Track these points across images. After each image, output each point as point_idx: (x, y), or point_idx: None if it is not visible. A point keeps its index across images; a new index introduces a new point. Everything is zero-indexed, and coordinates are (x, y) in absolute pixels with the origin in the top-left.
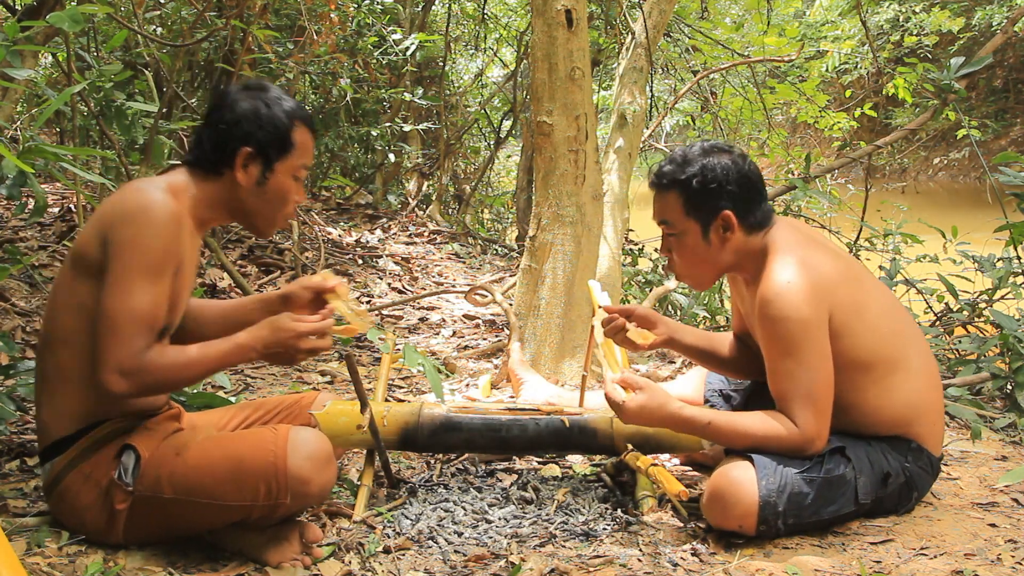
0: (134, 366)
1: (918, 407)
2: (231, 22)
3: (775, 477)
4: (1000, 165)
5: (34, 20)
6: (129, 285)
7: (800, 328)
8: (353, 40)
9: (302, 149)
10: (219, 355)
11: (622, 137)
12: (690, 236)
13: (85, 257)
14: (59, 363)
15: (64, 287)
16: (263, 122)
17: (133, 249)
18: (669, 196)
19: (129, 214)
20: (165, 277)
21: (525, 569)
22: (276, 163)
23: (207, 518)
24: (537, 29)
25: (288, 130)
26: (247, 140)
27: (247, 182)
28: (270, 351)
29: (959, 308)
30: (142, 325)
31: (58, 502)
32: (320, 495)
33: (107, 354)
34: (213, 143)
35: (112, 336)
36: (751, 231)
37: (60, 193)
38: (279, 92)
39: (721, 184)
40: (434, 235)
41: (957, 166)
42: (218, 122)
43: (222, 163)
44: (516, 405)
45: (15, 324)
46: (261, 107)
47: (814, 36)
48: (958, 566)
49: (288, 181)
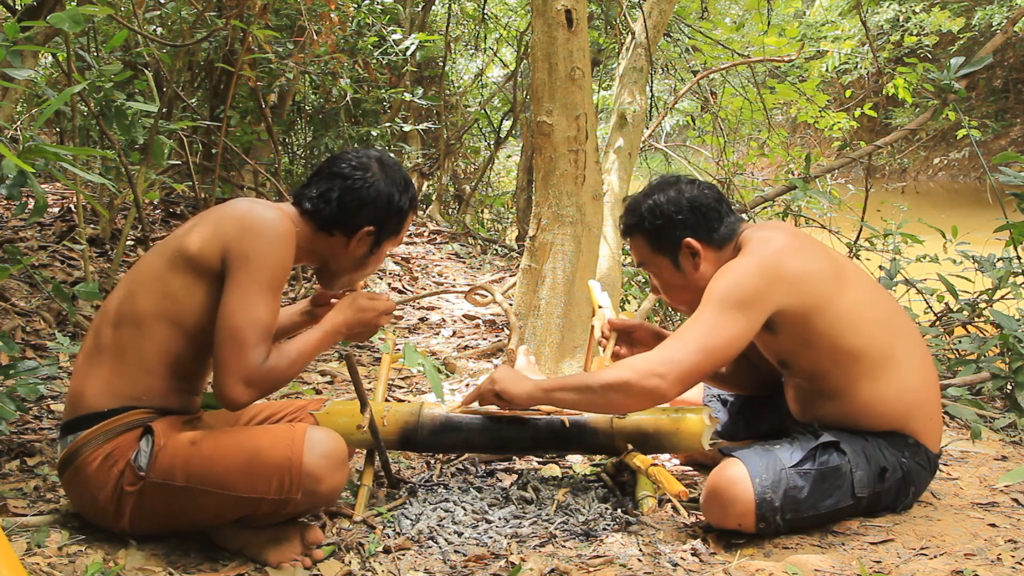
0: (259, 376)
1: (913, 402)
2: (231, 22)
3: (768, 473)
4: (1000, 165)
5: (34, 20)
6: (253, 297)
7: (736, 291)
8: (353, 40)
9: (404, 233)
10: (315, 345)
11: (622, 137)
12: (665, 271)
13: (196, 258)
14: (121, 340)
15: (154, 272)
16: (392, 208)
17: (258, 263)
18: (635, 241)
19: (257, 229)
20: (279, 292)
21: (525, 569)
22: (384, 243)
23: (215, 510)
24: (537, 29)
25: (405, 219)
26: (373, 221)
27: (355, 253)
28: (354, 331)
29: (959, 308)
30: (264, 336)
31: (72, 477)
32: (329, 496)
33: (233, 364)
34: (340, 208)
35: (239, 348)
36: (720, 247)
37: (60, 193)
38: (404, 173)
39: (671, 217)
40: (434, 235)
41: (957, 166)
42: (351, 191)
43: (341, 229)
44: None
45: (15, 324)
46: (394, 194)
47: (814, 36)
48: (958, 566)
49: (382, 257)
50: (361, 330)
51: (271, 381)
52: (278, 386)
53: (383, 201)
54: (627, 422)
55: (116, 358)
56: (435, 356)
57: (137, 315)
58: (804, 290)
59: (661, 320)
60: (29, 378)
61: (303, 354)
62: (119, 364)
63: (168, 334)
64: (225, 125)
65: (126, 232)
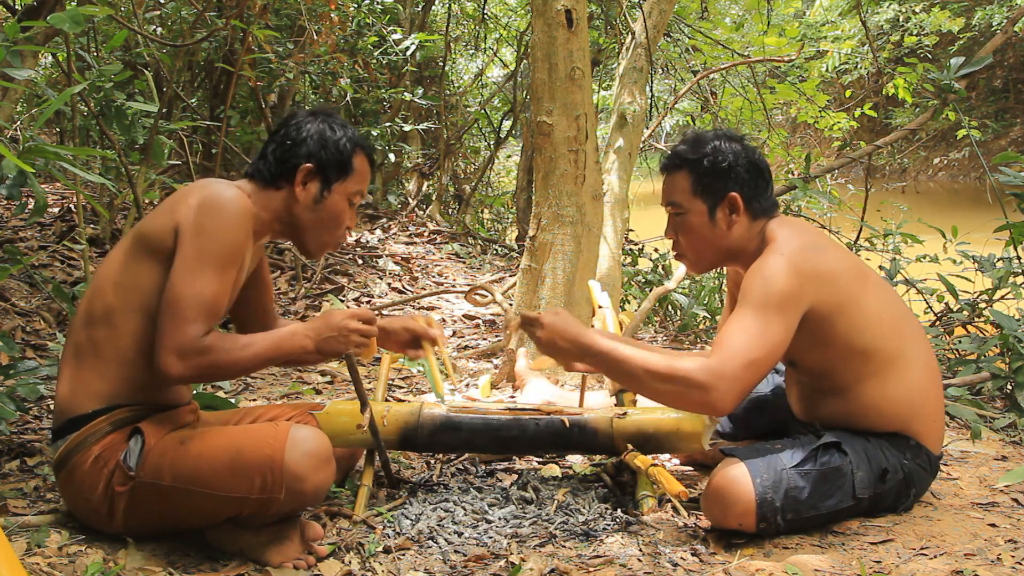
0: (193, 348)
1: (917, 404)
2: (231, 22)
3: (769, 474)
4: (1000, 165)
5: (34, 20)
6: (199, 271)
7: (774, 293)
8: (353, 40)
9: (360, 175)
10: (272, 343)
11: (622, 137)
12: (696, 216)
13: (151, 240)
14: (95, 339)
15: (117, 265)
16: (327, 143)
17: (208, 237)
18: (679, 176)
19: (207, 205)
20: (231, 270)
21: (525, 569)
22: (334, 184)
23: (201, 509)
24: (537, 29)
25: (350, 155)
26: (309, 158)
27: (304, 198)
28: (322, 336)
29: (959, 308)
30: (205, 311)
31: (67, 480)
32: (315, 494)
33: (167, 336)
34: (277, 157)
35: (175, 318)
36: (755, 217)
37: (60, 193)
38: (344, 121)
39: (731, 166)
40: (434, 235)
41: (957, 166)
42: (284, 138)
43: (283, 176)
44: (516, 405)
45: (15, 324)
46: (327, 130)
47: (814, 36)
48: (958, 566)
49: (343, 203)
50: (330, 335)
51: (209, 362)
52: (219, 371)
53: (315, 138)
54: (627, 422)
55: (94, 358)
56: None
57: (108, 311)
58: (834, 288)
59: (661, 320)
60: (29, 378)
61: (254, 347)
62: (98, 363)
63: (139, 324)
64: (225, 125)
65: (126, 232)
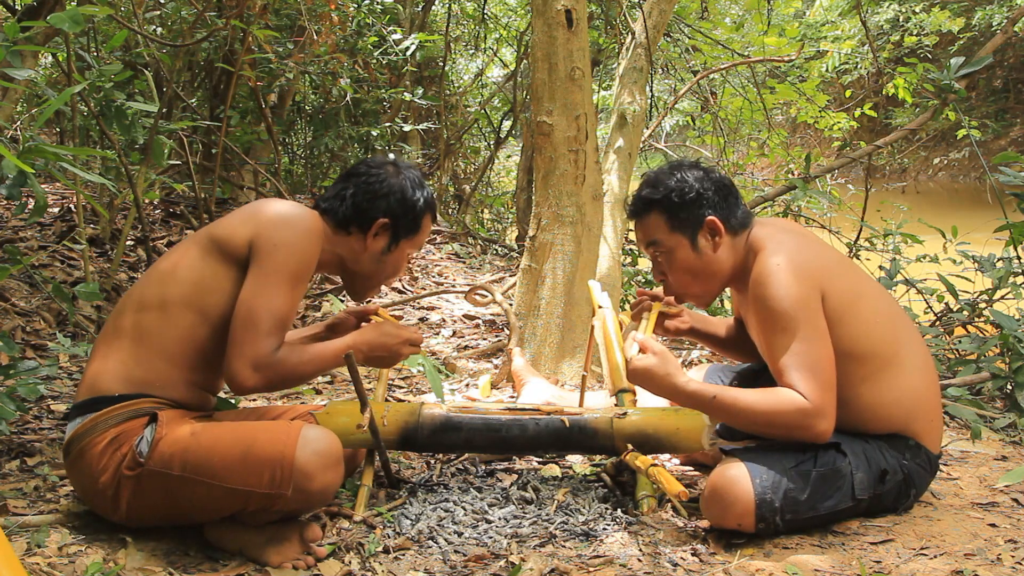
0: (267, 361)
1: (915, 404)
2: (231, 22)
3: (768, 474)
4: (1000, 165)
5: (34, 20)
6: (274, 286)
7: (793, 303)
8: (353, 40)
9: (424, 235)
10: (332, 354)
11: (622, 137)
12: (681, 250)
13: (226, 245)
14: (142, 325)
15: (186, 261)
16: (406, 204)
17: (286, 252)
18: (651, 218)
19: (286, 221)
20: (302, 287)
21: (525, 569)
22: (402, 240)
23: (207, 502)
24: (537, 29)
25: (422, 215)
26: (387, 213)
27: (372, 248)
28: (375, 353)
29: (959, 308)
30: (279, 324)
31: (76, 459)
32: (321, 494)
33: (245, 346)
34: (356, 204)
35: (251, 330)
36: (736, 233)
37: (60, 193)
38: (419, 176)
39: (699, 193)
40: (434, 235)
41: (957, 166)
42: (365, 187)
43: (357, 224)
44: (516, 405)
45: (15, 324)
46: (408, 188)
47: (814, 36)
48: (958, 566)
49: (404, 259)
50: (382, 354)
51: (280, 373)
52: (286, 382)
53: (396, 194)
54: (627, 422)
55: (135, 343)
56: (435, 356)
57: (164, 300)
58: (833, 284)
59: None
60: (29, 378)
61: (317, 358)
62: (139, 350)
63: (192, 321)
64: (225, 125)
65: (126, 232)
